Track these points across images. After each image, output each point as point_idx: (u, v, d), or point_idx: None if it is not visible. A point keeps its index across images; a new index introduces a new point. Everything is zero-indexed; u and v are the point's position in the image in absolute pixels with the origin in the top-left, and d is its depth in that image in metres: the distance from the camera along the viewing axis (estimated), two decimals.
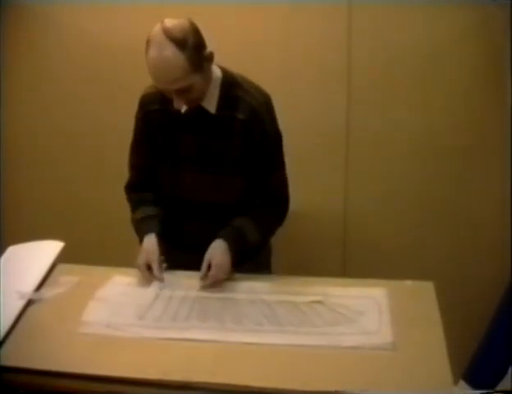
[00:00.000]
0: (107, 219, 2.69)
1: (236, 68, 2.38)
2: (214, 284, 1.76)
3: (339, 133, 2.45)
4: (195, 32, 1.68)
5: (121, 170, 2.01)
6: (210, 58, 1.72)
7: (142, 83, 1.89)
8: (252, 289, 1.76)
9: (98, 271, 1.81)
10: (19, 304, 1.69)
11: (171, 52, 1.61)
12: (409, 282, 1.76)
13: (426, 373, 1.41)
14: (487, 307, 2.35)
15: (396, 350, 1.49)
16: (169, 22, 1.65)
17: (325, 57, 2.38)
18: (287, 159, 1.92)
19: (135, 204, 1.97)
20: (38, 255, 1.89)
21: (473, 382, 2.24)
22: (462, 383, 2.25)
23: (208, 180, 1.85)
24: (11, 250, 1.96)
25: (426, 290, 1.72)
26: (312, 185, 2.51)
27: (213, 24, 2.39)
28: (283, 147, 1.91)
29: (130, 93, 1.92)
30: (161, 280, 1.78)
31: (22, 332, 1.60)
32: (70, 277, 1.84)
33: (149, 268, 1.80)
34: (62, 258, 1.91)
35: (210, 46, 2.35)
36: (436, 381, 1.38)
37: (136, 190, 1.98)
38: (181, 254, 1.95)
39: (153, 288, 1.77)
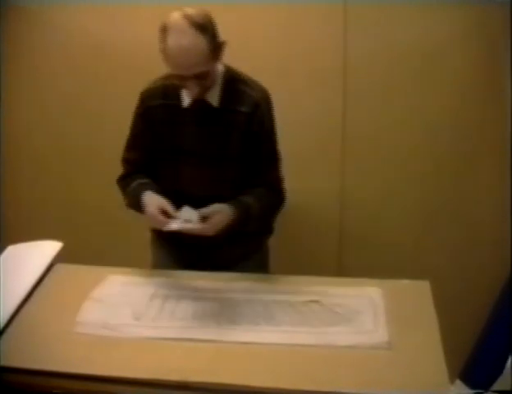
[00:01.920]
0: (106, 219, 2.70)
1: (234, 66, 2.38)
2: (205, 229, 1.70)
3: (335, 132, 2.44)
4: (213, 20, 1.70)
5: (120, 170, 2.01)
6: (223, 47, 1.73)
7: (142, 83, 1.90)
8: (249, 289, 1.77)
9: (94, 271, 1.80)
10: (15, 302, 1.69)
11: (193, 37, 1.63)
12: (405, 281, 1.77)
13: (422, 372, 1.41)
14: (484, 306, 2.35)
15: (392, 350, 1.49)
16: (189, 9, 1.67)
17: (321, 56, 2.38)
18: (285, 158, 1.93)
19: (129, 184, 1.90)
20: (36, 255, 1.90)
21: (470, 382, 2.24)
22: (458, 382, 2.25)
23: (207, 173, 1.86)
24: (11, 250, 1.97)
25: (422, 289, 1.72)
26: (309, 184, 2.50)
27: None
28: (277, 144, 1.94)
29: (130, 93, 1.92)
30: (177, 217, 1.71)
31: (18, 332, 1.60)
32: None
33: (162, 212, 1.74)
34: (60, 258, 1.91)
35: None
36: (432, 380, 1.39)
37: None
38: (180, 250, 1.96)
39: (149, 288, 1.78)
